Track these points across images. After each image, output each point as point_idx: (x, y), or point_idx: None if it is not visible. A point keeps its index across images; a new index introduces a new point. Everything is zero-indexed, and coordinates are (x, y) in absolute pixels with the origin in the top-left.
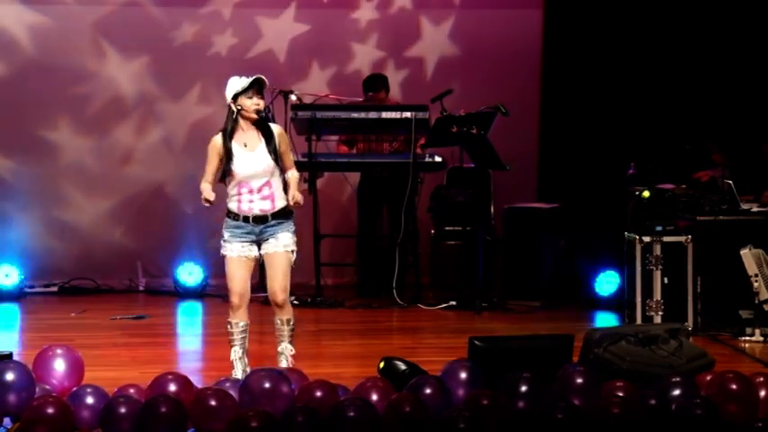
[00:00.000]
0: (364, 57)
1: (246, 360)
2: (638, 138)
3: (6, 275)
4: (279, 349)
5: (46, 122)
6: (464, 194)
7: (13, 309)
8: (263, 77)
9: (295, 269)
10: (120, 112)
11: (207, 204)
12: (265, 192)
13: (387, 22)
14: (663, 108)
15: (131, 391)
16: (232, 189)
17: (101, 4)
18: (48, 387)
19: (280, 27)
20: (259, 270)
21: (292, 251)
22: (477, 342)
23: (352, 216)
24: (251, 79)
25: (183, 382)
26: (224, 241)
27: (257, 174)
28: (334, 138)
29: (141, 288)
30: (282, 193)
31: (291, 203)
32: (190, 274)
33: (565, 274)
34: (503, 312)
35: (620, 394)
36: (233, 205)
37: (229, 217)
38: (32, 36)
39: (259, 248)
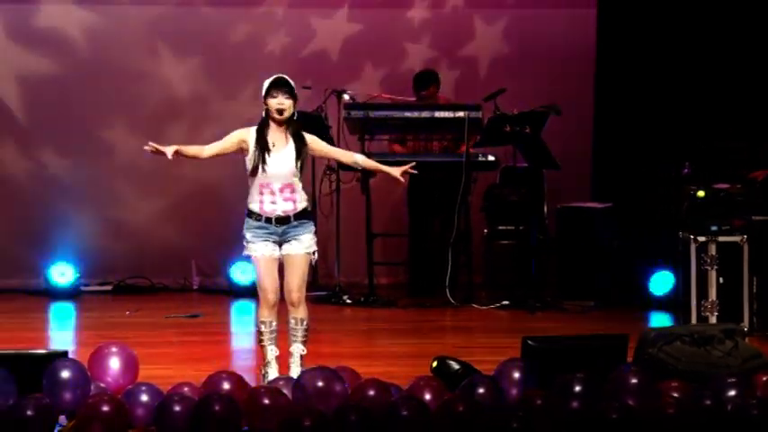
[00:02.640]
0: (417, 56)
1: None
2: (692, 137)
3: (62, 274)
4: (290, 349)
5: (101, 122)
6: (517, 194)
7: (68, 307)
8: (285, 76)
9: (350, 268)
10: (173, 112)
11: (148, 148)
12: (287, 193)
13: (440, 22)
14: (718, 107)
15: (185, 389)
16: (254, 189)
17: (155, 4)
18: (103, 385)
19: (333, 27)
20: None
21: (313, 252)
22: (530, 342)
23: (405, 215)
24: (272, 79)
25: (237, 380)
26: (247, 242)
27: (280, 175)
28: (386, 137)
29: (195, 287)
30: (304, 195)
31: (402, 173)
32: (243, 272)
33: (619, 273)
34: (556, 312)
35: (675, 395)
36: (255, 206)
37: (251, 218)
38: (87, 36)
39: (280, 248)
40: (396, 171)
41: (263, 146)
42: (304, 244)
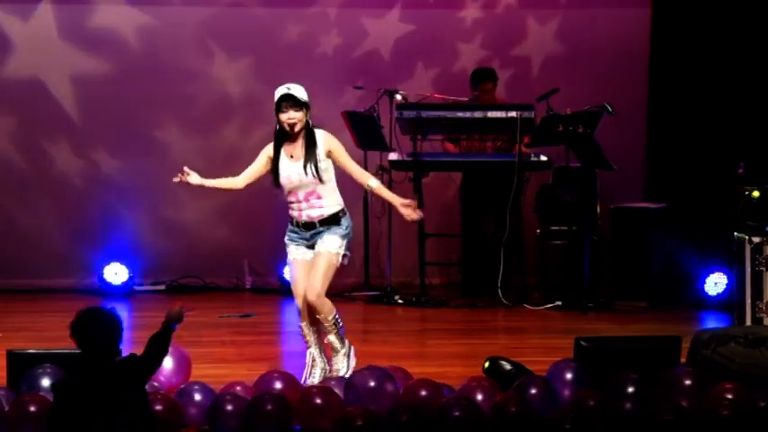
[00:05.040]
0: (469, 56)
1: (323, 359)
2: (747, 136)
3: (115, 274)
4: (324, 341)
5: (153, 122)
6: (570, 194)
7: (121, 307)
8: (290, 92)
9: (402, 268)
10: (225, 112)
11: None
12: (313, 201)
13: (492, 22)
14: None
15: (238, 388)
16: (286, 197)
17: (207, 4)
18: (156, 384)
19: (385, 27)
20: (364, 266)
21: (337, 254)
22: (583, 342)
23: (457, 215)
24: (278, 94)
25: (289, 379)
26: (287, 247)
27: (302, 184)
28: (439, 137)
29: (248, 286)
30: (333, 200)
31: (412, 218)
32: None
33: (672, 274)
34: (609, 313)
35: (730, 396)
36: (290, 211)
37: (290, 222)
38: (140, 37)
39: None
40: (401, 207)
41: (278, 159)
42: (326, 243)
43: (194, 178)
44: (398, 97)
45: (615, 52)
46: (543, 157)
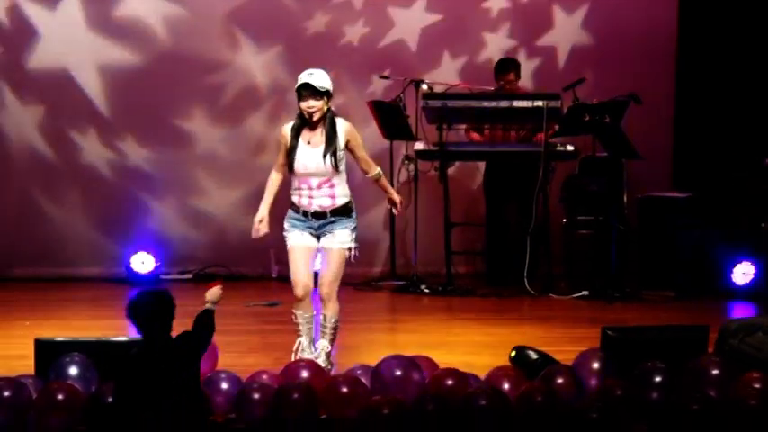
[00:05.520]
0: (496, 46)
1: (311, 350)
2: None
3: (142, 263)
4: (316, 344)
5: (181, 112)
6: (597, 184)
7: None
8: (310, 81)
9: (428, 257)
10: (253, 102)
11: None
12: (325, 189)
13: (519, 11)
14: None
15: (264, 377)
16: (294, 183)
17: None
18: None
19: (411, 17)
20: (390, 256)
21: (349, 248)
22: (610, 332)
23: (483, 204)
24: (297, 86)
25: (316, 368)
26: (285, 232)
27: (317, 172)
28: (463, 126)
29: (274, 275)
30: (345, 190)
31: (398, 210)
32: (321, 262)
33: (700, 263)
34: (636, 302)
35: (757, 386)
36: (295, 198)
37: (292, 209)
38: (168, 26)
39: (318, 241)
40: (391, 199)
41: (296, 145)
42: (338, 239)
43: (265, 218)
44: (424, 87)
45: (642, 41)
46: (570, 147)
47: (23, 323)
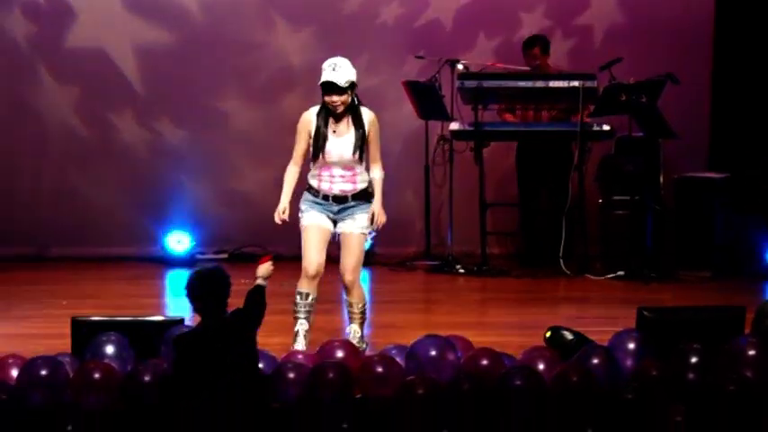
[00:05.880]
0: (531, 25)
1: (305, 339)
2: None
3: (178, 242)
4: (346, 329)
5: (216, 93)
6: (633, 164)
7: (184, 275)
8: (332, 79)
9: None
10: (288, 82)
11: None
12: (348, 176)
13: None
14: None
15: (299, 357)
16: (315, 169)
17: None
18: None
19: None
20: (425, 236)
21: (367, 233)
22: (646, 313)
23: (516, 184)
24: (321, 81)
25: (351, 348)
26: (301, 212)
27: (342, 161)
28: (496, 106)
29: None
30: (365, 176)
31: (375, 225)
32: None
33: (736, 244)
34: (672, 283)
35: None
36: (314, 182)
37: (309, 192)
38: (203, 7)
39: (335, 226)
40: (375, 211)
41: (323, 134)
42: (358, 223)
43: (287, 209)
44: (460, 67)
45: (679, 20)
46: (606, 127)
47: (60, 302)
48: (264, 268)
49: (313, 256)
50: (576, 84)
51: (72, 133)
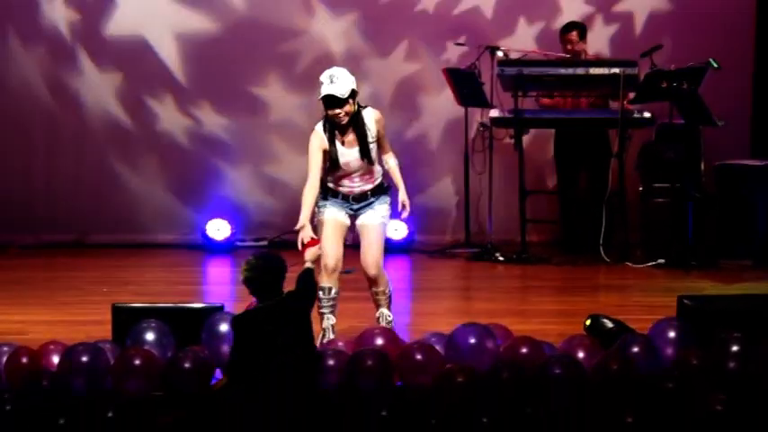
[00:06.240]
0: (572, 12)
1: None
2: None
3: (218, 230)
4: (376, 314)
5: (256, 79)
6: (674, 151)
7: (224, 262)
8: (331, 92)
9: (502, 225)
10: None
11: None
12: (366, 177)
13: None
14: None
15: (340, 344)
16: (331, 177)
17: None
18: None
19: None
20: (465, 224)
21: (387, 222)
22: (686, 301)
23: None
24: (320, 96)
25: (390, 335)
26: (320, 207)
27: (359, 168)
28: (534, 93)
29: (348, 243)
30: (380, 170)
31: (404, 210)
32: (396, 229)
33: None
34: (713, 271)
35: None
36: (331, 185)
37: (332, 195)
38: None
39: (353, 221)
40: (403, 196)
41: (335, 148)
42: (379, 213)
43: (308, 225)
44: (500, 54)
45: (721, 7)
46: (646, 114)
47: (101, 289)
48: (312, 252)
49: (331, 249)
50: (616, 70)
51: (113, 121)
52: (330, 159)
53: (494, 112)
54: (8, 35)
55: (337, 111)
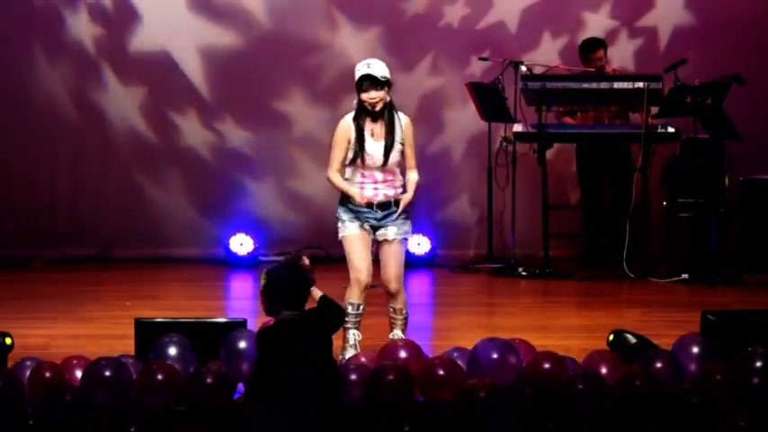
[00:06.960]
0: (596, 26)
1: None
2: None
3: (241, 244)
4: (390, 336)
5: (279, 94)
6: (698, 166)
7: (247, 277)
8: (370, 72)
9: (525, 240)
10: (351, 84)
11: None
12: (389, 180)
13: None
14: None
15: (362, 358)
16: (354, 176)
17: None
18: None
19: None
20: (488, 238)
21: (408, 238)
22: (710, 316)
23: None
24: (359, 74)
25: (413, 350)
26: (341, 222)
27: (383, 165)
28: (555, 109)
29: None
30: (401, 179)
31: (397, 206)
32: (419, 244)
33: None
34: (737, 286)
35: None
36: (355, 190)
37: (350, 202)
38: (267, 8)
39: (375, 232)
40: (406, 197)
41: (362, 139)
42: (402, 229)
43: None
44: (523, 68)
45: (745, 21)
46: (671, 129)
47: (124, 304)
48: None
49: (363, 263)
50: (640, 85)
51: (137, 135)
52: (354, 149)
53: (517, 127)
54: (34, 50)
55: (373, 93)
